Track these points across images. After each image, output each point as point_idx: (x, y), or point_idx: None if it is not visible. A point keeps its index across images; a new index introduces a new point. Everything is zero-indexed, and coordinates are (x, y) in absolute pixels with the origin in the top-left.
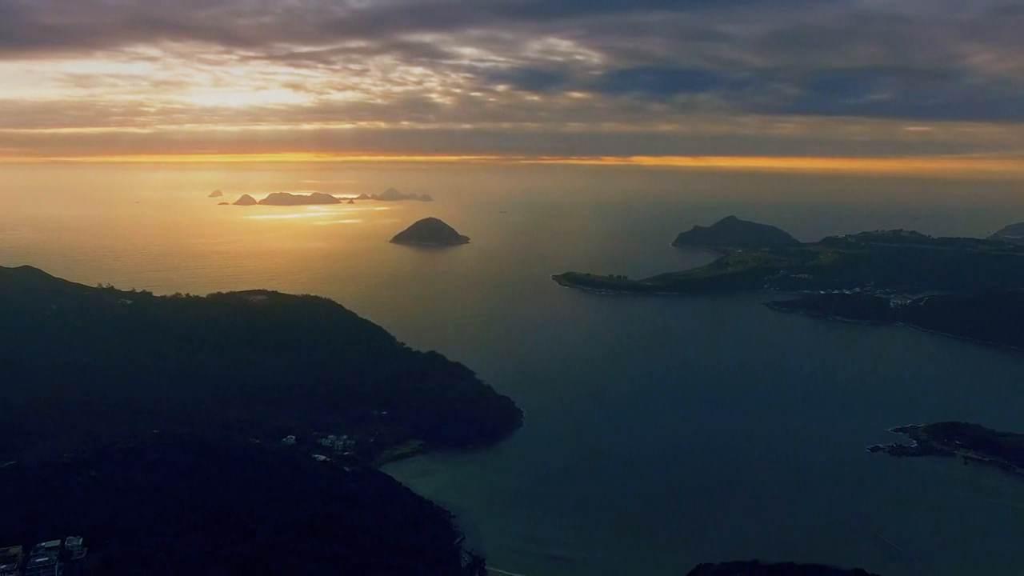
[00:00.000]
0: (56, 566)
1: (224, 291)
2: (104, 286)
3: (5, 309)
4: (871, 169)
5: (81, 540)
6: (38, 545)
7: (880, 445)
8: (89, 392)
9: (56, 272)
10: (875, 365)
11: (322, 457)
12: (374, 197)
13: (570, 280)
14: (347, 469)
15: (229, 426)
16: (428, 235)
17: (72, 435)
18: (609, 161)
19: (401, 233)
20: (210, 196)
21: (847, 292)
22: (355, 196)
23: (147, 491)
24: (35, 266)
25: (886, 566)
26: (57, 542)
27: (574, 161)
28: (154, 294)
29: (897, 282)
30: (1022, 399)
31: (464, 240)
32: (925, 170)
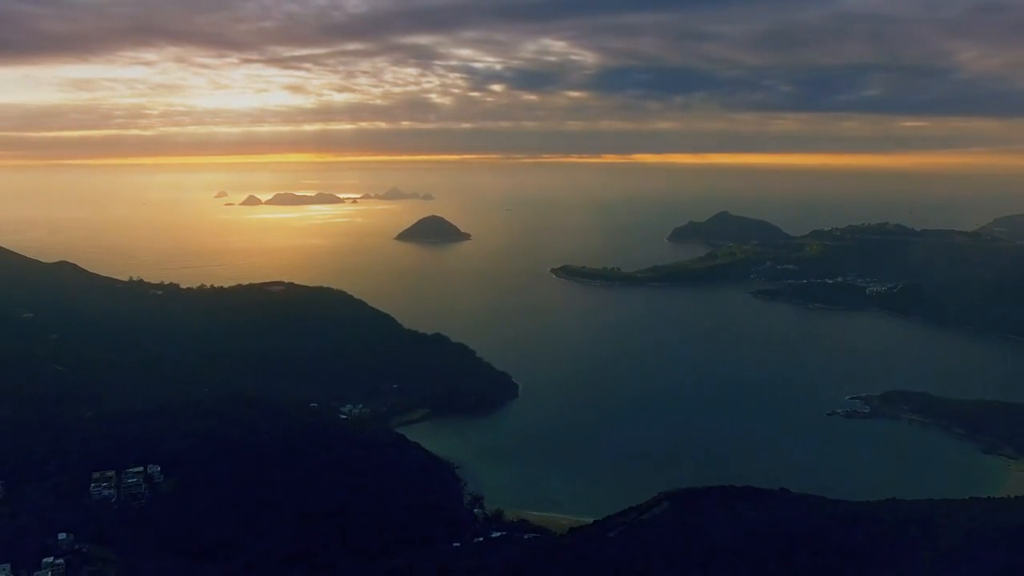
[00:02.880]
0: (142, 486)
1: (244, 283)
2: (134, 279)
3: (53, 300)
4: (867, 164)
5: (159, 467)
6: (127, 470)
7: (836, 410)
8: (137, 366)
9: None
10: (844, 344)
11: (344, 416)
12: (377, 196)
13: (566, 273)
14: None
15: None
16: (431, 232)
17: (132, 397)
18: (610, 159)
19: (405, 231)
20: (215, 197)
21: (829, 281)
22: (358, 195)
23: (205, 434)
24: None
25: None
26: (141, 468)
27: (575, 159)
28: (181, 286)
29: (878, 272)
30: (968, 371)
31: (466, 237)
32: (921, 165)
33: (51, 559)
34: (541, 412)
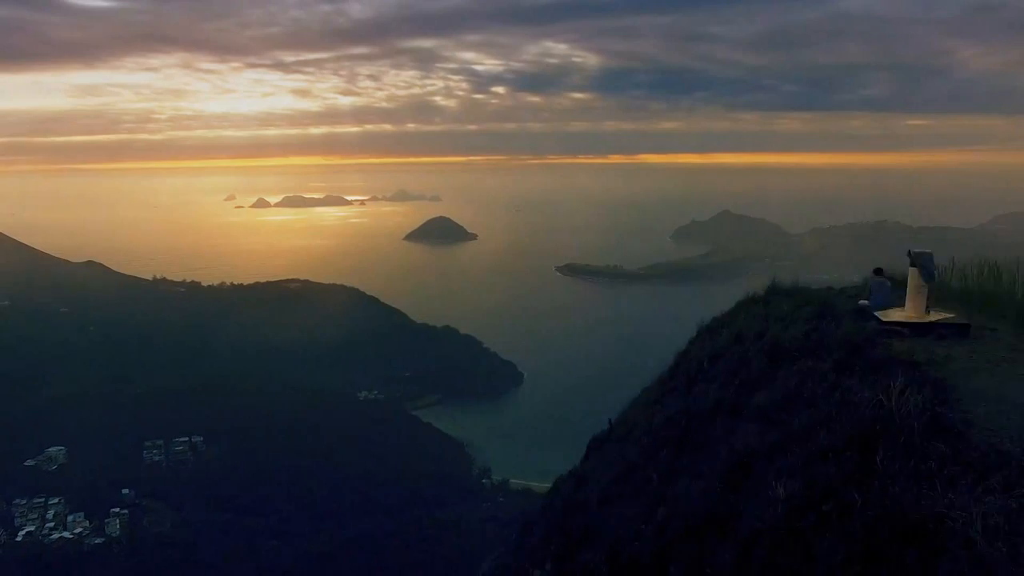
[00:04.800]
0: (187, 453)
1: (262, 280)
2: (158, 277)
3: (85, 296)
4: (870, 162)
5: (202, 438)
6: (174, 439)
7: None
8: (169, 356)
9: None
10: None
11: (362, 397)
12: (384, 198)
13: (570, 270)
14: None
15: None
16: (438, 233)
17: (168, 382)
18: (616, 159)
19: (413, 231)
20: (225, 200)
21: (824, 276)
22: (366, 197)
23: (240, 408)
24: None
25: None
26: (187, 438)
27: (581, 160)
28: (202, 284)
29: (872, 266)
30: None
31: (473, 237)
32: (923, 163)
33: (117, 509)
34: (545, 397)
